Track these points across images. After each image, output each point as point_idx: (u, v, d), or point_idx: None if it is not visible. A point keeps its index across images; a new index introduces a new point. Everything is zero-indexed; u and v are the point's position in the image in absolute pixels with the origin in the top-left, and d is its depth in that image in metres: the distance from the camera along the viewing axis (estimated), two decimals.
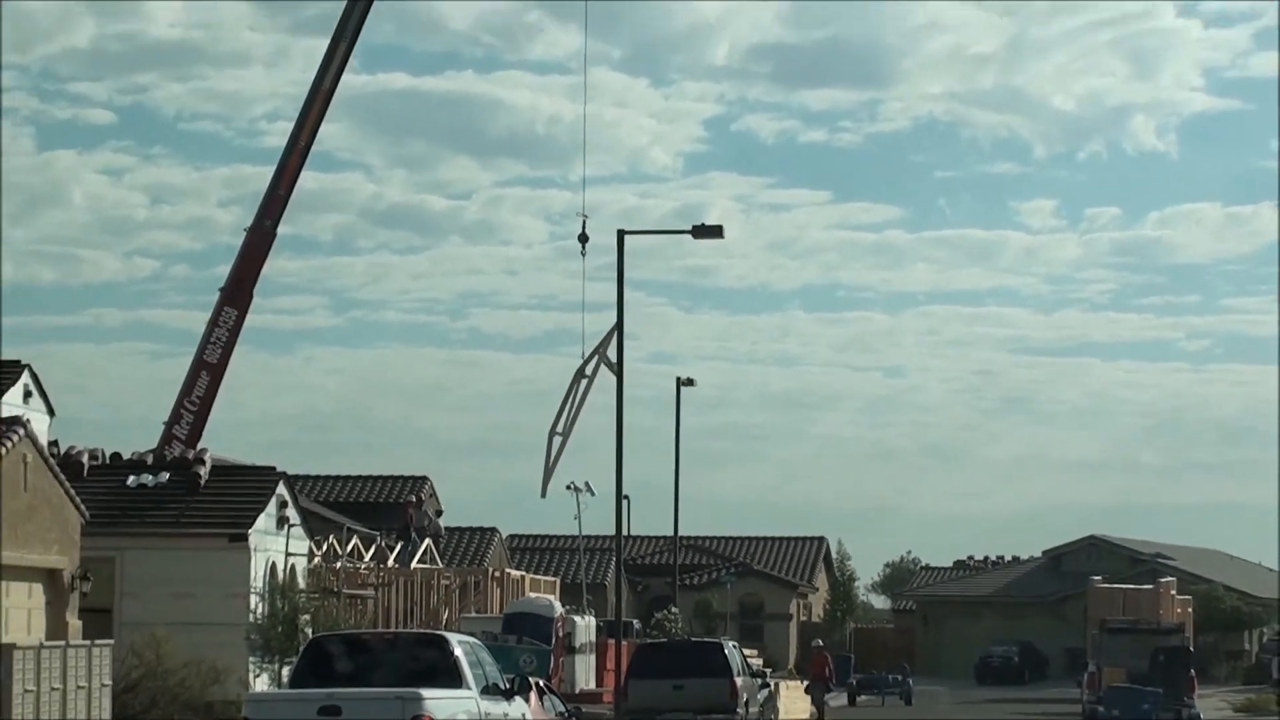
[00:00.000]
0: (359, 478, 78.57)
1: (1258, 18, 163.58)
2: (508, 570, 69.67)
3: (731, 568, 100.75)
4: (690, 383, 75.05)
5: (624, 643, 55.03)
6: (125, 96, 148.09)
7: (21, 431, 39.65)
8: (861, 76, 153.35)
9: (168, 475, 50.15)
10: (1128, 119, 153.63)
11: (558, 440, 60.99)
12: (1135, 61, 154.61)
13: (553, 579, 72.92)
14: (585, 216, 58.86)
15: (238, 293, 59.43)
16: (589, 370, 60.42)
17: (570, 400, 61.02)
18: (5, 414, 43.01)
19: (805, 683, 66.30)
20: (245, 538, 47.96)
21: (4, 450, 38.53)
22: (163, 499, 49.41)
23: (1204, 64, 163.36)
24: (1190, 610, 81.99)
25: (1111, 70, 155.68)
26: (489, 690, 27.24)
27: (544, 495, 62.07)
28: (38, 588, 40.91)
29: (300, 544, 52.13)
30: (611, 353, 59.83)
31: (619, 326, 51.29)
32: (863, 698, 74.87)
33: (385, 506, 73.95)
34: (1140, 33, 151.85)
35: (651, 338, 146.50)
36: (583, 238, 57.70)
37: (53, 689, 36.88)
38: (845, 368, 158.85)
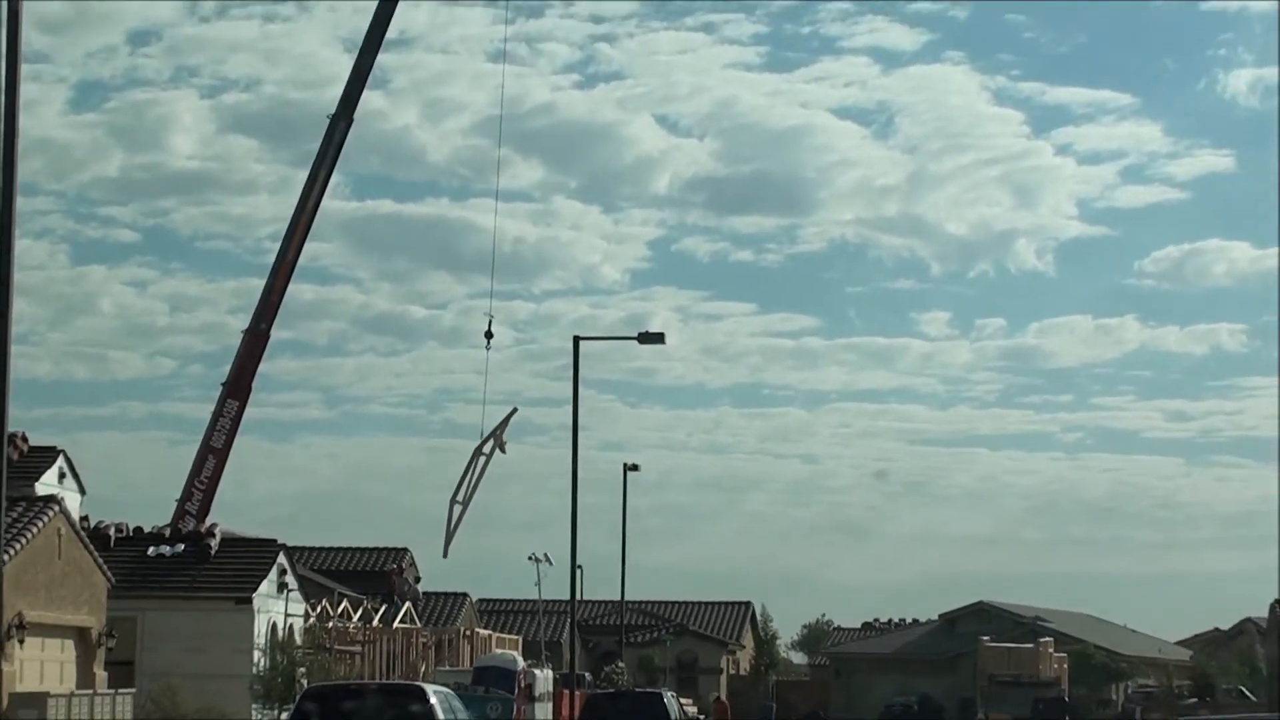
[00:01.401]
0: (349, 549, 78.17)
1: (1124, 156, 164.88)
2: (477, 630, 69.50)
3: (670, 628, 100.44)
4: (635, 468, 74.65)
5: (578, 692, 54.85)
6: (149, 219, 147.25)
7: (56, 508, 39.61)
8: (783, 205, 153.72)
9: (183, 546, 50.06)
10: (1012, 242, 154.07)
11: (458, 508, 60.98)
12: (1018, 193, 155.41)
13: (516, 637, 72.71)
14: (491, 316, 59.82)
15: (238, 386, 58.94)
16: (486, 449, 60.89)
17: (469, 474, 61.11)
18: (43, 493, 42.94)
19: None
20: (250, 600, 47.86)
21: (41, 525, 38.45)
22: (178, 567, 49.32)
23: (1077, 196, 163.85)
24: (1065, 666, 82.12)
25: (998, 200, 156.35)
26: None
27: (445, 556, 61.81)
28: (69, 643, 40.76)
29: (298, 606, 51.97)
30: (509, 433, 60.78)
31: (574, 420, 50.54)
32: None
33: (372, 574, 73.57)
34: (1022, 169, 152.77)
35: (602, 429, 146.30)
36: (488, 334, 59.19)
37: None
38: (768, 455, 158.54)
